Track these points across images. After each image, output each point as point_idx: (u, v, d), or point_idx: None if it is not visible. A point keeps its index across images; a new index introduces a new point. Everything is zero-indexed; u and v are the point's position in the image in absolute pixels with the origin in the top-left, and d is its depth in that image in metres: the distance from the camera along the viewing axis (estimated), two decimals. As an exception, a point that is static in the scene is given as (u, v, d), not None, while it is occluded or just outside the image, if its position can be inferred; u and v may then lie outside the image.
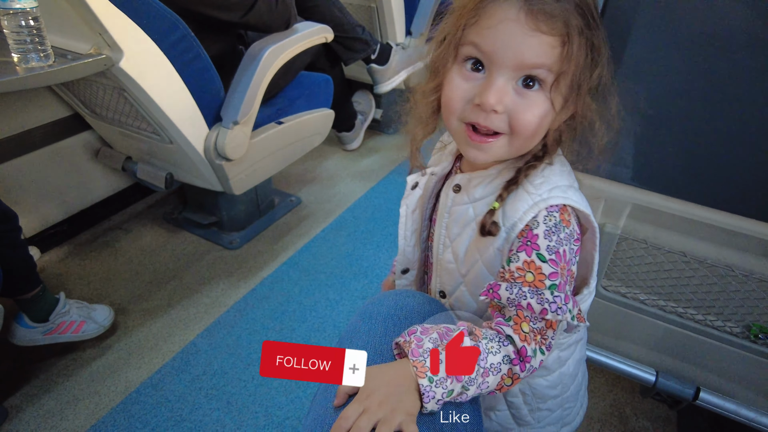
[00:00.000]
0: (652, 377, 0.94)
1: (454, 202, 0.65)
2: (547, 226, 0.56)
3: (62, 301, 1.31)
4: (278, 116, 1.66)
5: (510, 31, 0.51)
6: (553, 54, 0.51)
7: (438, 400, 0.52)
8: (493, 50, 0.52)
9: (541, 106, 0.54)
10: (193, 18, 1.32)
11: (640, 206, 0.76)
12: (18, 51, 1.03)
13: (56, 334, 1.30)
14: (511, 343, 0.55)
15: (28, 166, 1.51)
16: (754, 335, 0.81)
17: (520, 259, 0.56)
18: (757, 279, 0.75)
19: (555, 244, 0.55)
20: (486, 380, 0.54)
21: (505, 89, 0.53)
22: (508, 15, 0.50)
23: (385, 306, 0.65)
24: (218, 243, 1.79)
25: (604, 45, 0.54)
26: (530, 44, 0.50)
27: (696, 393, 0.91)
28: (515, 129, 0.54)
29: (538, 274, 0.55)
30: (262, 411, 1.22)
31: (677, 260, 0.80)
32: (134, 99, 1.27)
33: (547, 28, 0.50)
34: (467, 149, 0.58)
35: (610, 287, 0.90)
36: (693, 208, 0.72)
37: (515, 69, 0.52)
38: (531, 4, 0.50)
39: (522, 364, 0.55)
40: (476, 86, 0.54)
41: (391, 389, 0.51)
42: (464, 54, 0.55)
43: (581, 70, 0.53)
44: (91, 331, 1.35)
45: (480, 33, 0.52)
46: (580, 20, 0.51)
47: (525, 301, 0.54)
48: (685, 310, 0.86)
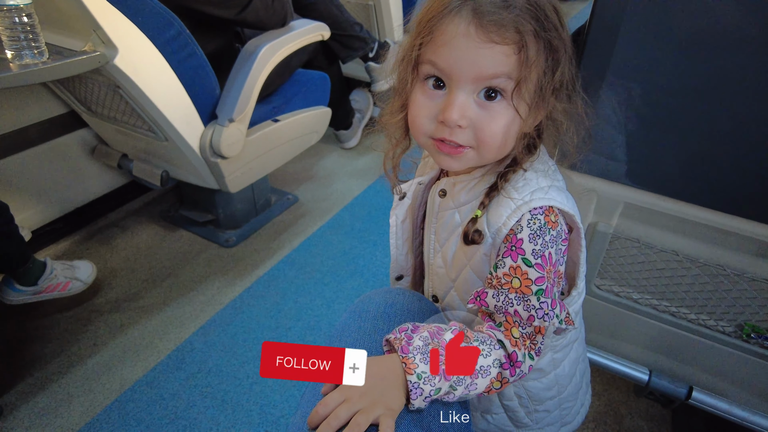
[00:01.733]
0: (645, 376, 0.94)
1: (441, 207, 0.65)
2: (531, 229, 0.56)
3: (49, 266, 1.38)
4: (275, 114, 1.66)
5: (463, 46, 0.51)
6: (509, 62, 0.51)
7: (426, 397, 0.52)
8: (450, 66, 0.52)
9: (505, 116, 0.54)
10: (188, 15, 1.32)
11: (633, 205, 0.76)
12: (12, 48, 1.02)
13: (45, 294, 1.38)
14: (503, 347, 0.55)
15: (24, 164, 1.50)
16: (747, 334, 0.81)
17: (506, 264, 0.56)
18: (749, 278, 0.75)
19: (540, 247, 0.55)
20: (475, 382, 0.54)
21: (466, 104, 0.53)
22: (459, 30, 0.51)
23: (375, 303, 0.65)
24: (214, 241, 1.79)
25: (563, 44, 0.54)
26: (484, 56, 0.50)
27: (689, 392, 0.91)
28: (482, 141, 0.54)
29: (525, 280, 0.55)
30: (257, 409, 1.22)
31: (670, 259, 0.80)
32: (129, 96, 1.26)
33: (499, 38, 0.50)
34: (440, 159, 0.58)
35: (603, 286, 0.90)
36: (685, 207, 0.72)
37: (474, 82, 0.52)
38: (480, 16, 0.50)
39: (512, 369, 0.55)
40: (439, 103, 0.55)
41: (375, 382, 0.51)
42: (424, 72, 0.55)
43: (542, 73, 0.53)
44: (77, 288, 1.44)
45: (435, 51, 0.53)
46: (534, 23, 0.51)
47: (512, 308, 0.55)
48: (678, 310, 0.86)
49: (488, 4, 0.50)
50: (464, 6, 0.51)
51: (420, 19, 0.54)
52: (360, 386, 0.50)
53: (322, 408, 0.50)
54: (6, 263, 1.28)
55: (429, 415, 0.55)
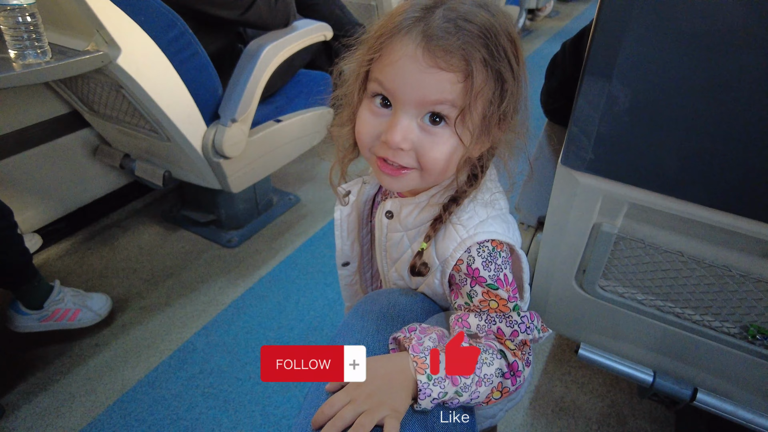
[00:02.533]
0: (650, 378, 0.93)
1: (389, 229, 0.65)
2: (482, 257, 0.58)
3: (56, 288, 1.31)
4: (277, 114, 1.66)
5: (409, 69, 0.50)
6: (454, 89, 0.50)
7: (433, 399, 0.52)
8: (395, 88, 0.51)
9: (447, 142, 0.53)
10: (191, 15, 1.32)
11: (638, 205, 0.75)
12: (15, 47, 1.02)
13: (52, 321, 1.30)
14: (504, 357, 0.56)
15: (27, 164, 1.50)
16: (752, 336, 0.80)
17: (479, 293, 0.58)
18: (755, 279, 0.74)
19: (494, 272, 0.58)
20: (478, 390, 0.54)
21: (409, 127, 0.52)
22: (407, 52, 0.50)
23: (378, 304, 0.65)
24: (216, 241, 1.79)
25: (512, 75, 0.53)
26: (429, 81, 0.49)
27: (693, 394, 0.90)
28: (423, 166, 0.54)
29: (500, 300, 0.57)
30: (259, 410, 1.22)
31: (675, 260, 0.79)
32: (132, 96, 1.26)
33: (445, 65, 0.49)
34: (381, 178, 0.58)
35: (607, 287, 0.90)
36: (691, 208, 0.71)
37: (418, 106, 0.51)
38: (429, 40, 0.49)
39: (513, 378, 0.56)
40: (384, 122, 0.54)
41: (383, 383, 0.51)
42: (371, 90, 0.54)
43: (488, 103, 0.52)
44: (87, 319, 1.35)
45: (383, 70, 0.52)
46: (484, 51, 0.50)
47: (495, 326, 0.57)
48: (683, 311, 0.85)
49: (439, 28, 0.49)
50: (415, 27, 0.50)
51: (372, 34, 0.54)
52: (366, 387, 0.50)
53: (327, 408, 0.50)
54: (7, 276, 1.21)
55: (432, 415, 0.55)
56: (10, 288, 1.24)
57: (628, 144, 0.69)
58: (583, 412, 1.24)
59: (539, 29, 4.87)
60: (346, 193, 0.70)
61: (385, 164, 0.55)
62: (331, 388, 0.53)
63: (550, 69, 1.09)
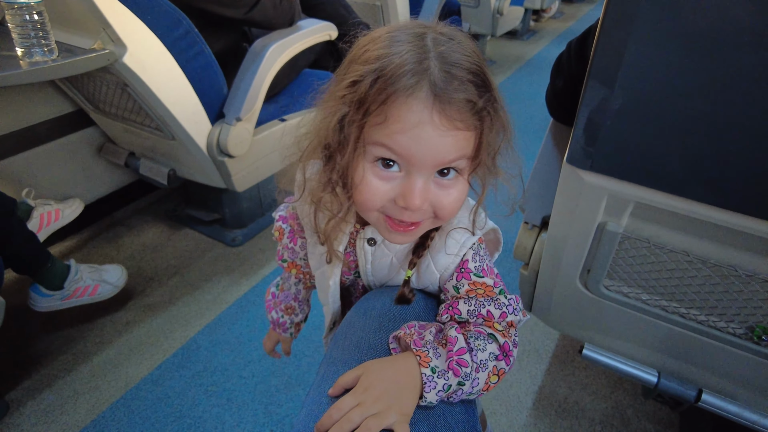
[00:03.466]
0: (654, 378, 0.93)
1: (374, 256, 0.65)
2: (473, 250, 0.62)
3: (73, 268, 1.34)
4: (281, 113, 1.66)
5: (427, 135, 0.48)
6: (469, 145, 0.51)
7: (438, 391, 0.52)
8: (411, 155, 0.49)
9: (460, 190, 0.54)
10: (197, 14, 1.32)
11: (643, 204, 0.75)
12: (22, 45, 1.03)
13: (74, 299, 1.34)
14: (495, 341, 0.57)
15: (32, 161, 1.51)
16: (758, 337, 0.80)
17: (465, 284, 0.61)
18: (762, 279, 0.74)
19: (479, 263, 0.62)
20: (477, 376, 0.54)
21: (426, 188, 0.51)
22: (422, 118, 0.47)
23: (380, 302, 0.65)
24: (220, 240, 1.79)
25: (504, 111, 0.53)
26: (448, 144, 0.49)
27: (698, 395, 0.90)
28: (439, 215, 0.55)
29: (486, 287, 0.60)
30: (262, 408, 1.22)
31: (680, 260, 0.79)
32: (137, 94, 1.27)
33: (462, 125, 0.48)
34: (390, 236, 0.57)
35: (612, 287, 0.89)
36: (696, 207, 0.71)
37: (434, 168, 0.51)
38: (441, 102, 0.47)
39: (507, 359, 0.57)
40: (395, 186, 0.52)
41: (390, 385, 0.51)
42: (374, 154, 0.51)
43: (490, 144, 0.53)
44: (107, 292, 1.40)
45: (392, 137, 0.48)
46: (486, 100, 0.50)
47: (484, 309, 0.58)
48: (688, 311, 0.85)
49: (445, 85, 0.47)
50: (419, 87, 0.47)
51: (365, 96, 0.48)
52: (374, 390, 0.50)
53: (335, 412, 0.49)
54: (21, 263, 1.25)
55: (435, 412, 0.55)
56: (28, 274, 1.28)
57: (634, 143, 0.69)
58: (586, 413, 1.24)
59: (544, 30, 4.86)
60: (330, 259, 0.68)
61: (395, 224, 0.55)
62: (334, 392, 0.53)
63: (556, 69, 1.09)
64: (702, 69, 0.61)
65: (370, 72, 0.48)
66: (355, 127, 0.50)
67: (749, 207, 0.67)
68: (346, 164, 0.53)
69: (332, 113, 0.52)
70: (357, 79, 0.49)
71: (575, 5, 6.05)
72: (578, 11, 5.78)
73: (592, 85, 0.68)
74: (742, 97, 0.60)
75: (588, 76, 0.68)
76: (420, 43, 0.49)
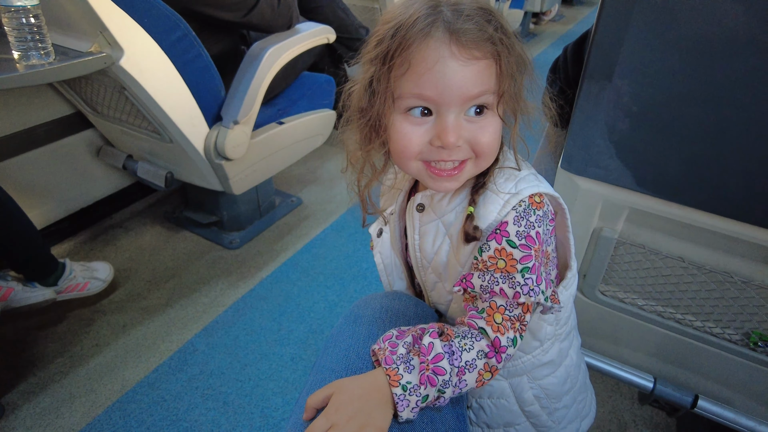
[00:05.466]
0: (650, 384, 0.93)
1: (422, 222, 0.64)
2: (516, 212, 0.56)
3: (68, 268, 1.40)
4: (279, 116, 1.66)
5: (449, 70, 0.50)
6: (491, 76, 0.53)
7: (413, 408, 0.51)
8: (438, 93, 0.51)
9: (494, 125, 0.55)
10: (194, 17, 1.32)
11: (638, 210, 0.75)
12: (19, 48, 1.03)
13: (65, 294, 1.41)
14: (485, 336, 0.55)
15: (30, 164, 1.51)
16: (754, 343, 0.80)
17: (491, 248, 0.56)
18: (757, 286, 0.74)
19: (525, 228, 0.56)
20: (463, 379, 0.53)
21: (458, 124, 0.53)
22: (441, 53, 0.50)
23: (370, 308, 0.64)
24: (218, 243, 1.79)
25: (522, 46, 0.55)
26: (470, 75, 0.51)
27: (694, 400, 0.90)
28: (479, 153, 0.55)
29: (510, 260, 0.55)
30: (258, 412, 1.22)
31: (676, 266, 0.79)
32: (135, 97, 1.27)
33: (480, 53, 0.51)
34: (436, 184, 0.58)
35: (608, 292, 0.89)
36: (692, 213, 0.71)
37: (461, 104, 0.52)
38: (458, 35, 0.50)
39: (498, 356, 0.54)
40: (429, 129, 0.54)
41: (361, 403, 0.50)
42: (405, 105, 0.54)
43: (515, 79, 0.55)
44: (95, 288, 1.47)
45: (417, 81, 0.51)
46: (501, 33, 0.52)
47: (497, 286, 0.55)
48: (684, 317, 0.84)
49: (459, 21, 0.50)
50: (435, 27, 0.50)
51: (387, 50, 0.52)
52: (346, 410, 0.49)
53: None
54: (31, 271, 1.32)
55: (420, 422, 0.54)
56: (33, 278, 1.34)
57: (629, 149, 0.69)
58: (583, 418, 1.23)
59: (543, 33, 4.86)
60: (379, 232, 0.71)
61: (438, 170, 0.56)
62: (307, 417, 0.52)
63: (552, 73, 1.09)
64: (696, 74, 0.61)
65: (390, 29, 0.52)
66: (383, 81, 0.53)
67: (744, 214, 0.67)
68: (378, 114, 0.55)
69: (362, 77, 0.57)
70: (379, 38, 0.53)
71: (575, 8, 6.06)
72: (578, 14, 5.79)
73: (587, 90, 0.68)
74: (737, 102, 0.60)
75: (582, 80, 0.68)
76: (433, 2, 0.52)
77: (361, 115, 0.58)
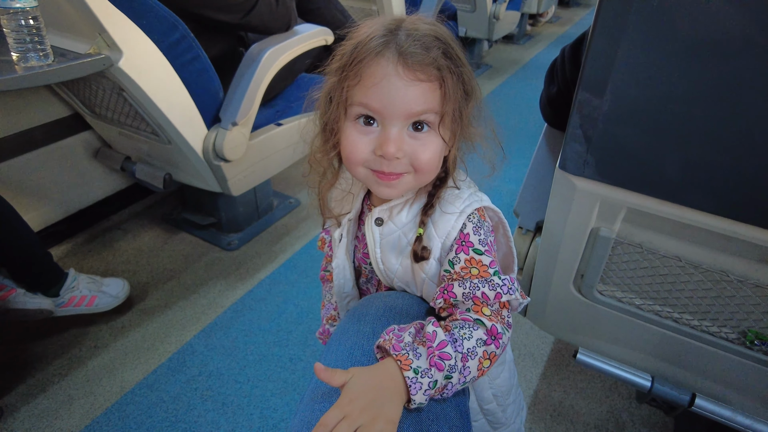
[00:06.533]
0: (648, 383, 0.93)
1: (382, 235, 0.67)
2: (473, 224, 0.63)
3: (71, 277, 1.35)
4: (278, 118, 1.66)
5: (393, 86, 0.55)
6: (435, 98, 0.57)
7: (425, 391, 0.52)
8: (382, 106, 0.56)
9: (434, 144, 0.60)
10: (193, 19, 1.32)
11: (636, 210, 0.75)
12: (17, 50, 1.03)
13: (70, 307, 1.35)
14: (481, 326, 0.57)
15: (28, 165, 1.51)
16: (750, 341, 0.80)
17: (461, 259, 0.62)
18: (753, 284, 0.74)
19: (483, 236, 0.63)
20: (467, 366, 0.55)
21: (400, 137, 0.58)
22: (388, 71, 0.55)
23: (374, 307, 0.65)
24: (216, 244, 1.79)
25: (472, 77, 0.61)
26: (413, 94, 0.56)
27: (692, 399, 0.90)
28: (417, 168, 0.60)
29: (481, 266, 0.61)
30: (257, 413, 1.22)
31: (672, 265, 0.79)
32: (133, 99, 1.27)
33: (423, 76, 0.56)
34: (378, 189, 0.62)
35: (605, 292, 0.90)
36: (688, 213, 0.71)
37: (404, 118, 0.57)
38: (405, 57, 0.55)
39: (496, 342, 0.57)
40: (373, 138, 0.59)
41: (374, 395, 0.51)
42: (355, 113, 0.59)
43: (459, 104, 0.59)
44: (104, 304, 1.40)
45: (366, 93, 0.57)
46: (449, 61, 0.57)
47: (479, 291, 0.59)
48: (681, 316, 0.85)
49: (409, 45, 0.55)
50: (387, 48, 0.56)
51: (344, 63, 0.58)
52: (359, 401, 0.50)
53: (321, 429, 0.49)
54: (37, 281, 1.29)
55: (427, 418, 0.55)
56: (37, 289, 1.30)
57: (626, 149, 0.70)
58: (581, 417, 1.24)
59: (540, 35, 4.88)
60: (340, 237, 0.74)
61: (382, 174, 0.60)
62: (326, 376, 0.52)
63: (549, 74, 1.10)
64: (692, 75, 0.61)
65: (351, 45, 0.59)
66: (338, 90, 0.59)
67: (740, 213, 0.67)
68: (333, 119, 0.61)
69: (324, 87, 0.63)
70: (342, 53, 0.60)
71: (572, 9, 6.08)
72: (575, 15, 5.81)
73: (584, 91, 0.68)
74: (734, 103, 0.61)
75: (579, 82, 0.68)
76: (394, 23, 0.59)
77: (321, 120, 0.65)
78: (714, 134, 0.64)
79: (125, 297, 1.45)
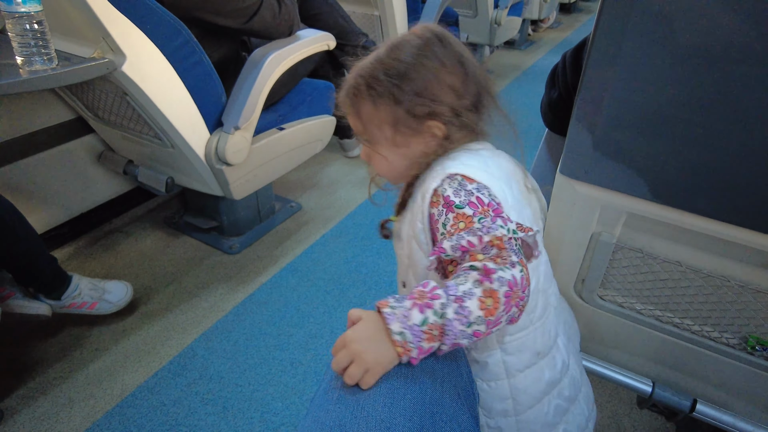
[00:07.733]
0: (649, 388, 0.93)
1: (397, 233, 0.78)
2: (452, 187, 0.65)
3: (73, 283, 1.36)
4: (280, 122, 1.67)
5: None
6: (358, 123, 0.72)
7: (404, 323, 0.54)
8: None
9: (376, 159, 0.74)
10: (196, 24, 1.33)
11: (636, 215, 0.75)
12: (22, 54, 1.04)
13: (73, 308, 1.37)
14: (475, 269, 0.56)
15: (32, 168, 1.52)
16: (751, 347, 0.80)
17: (450, 219, 0.63)
18: (754, 290, 0.74)
19: (465, 197, 0.63)
20: (464, 306, 0.54)
21: (365, 151, 0.76)
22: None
23: None
24: (218, 248, 1.79)
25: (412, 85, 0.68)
26: (352, 122, 0.74)
27: (693, 405, 0.90)
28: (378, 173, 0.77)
29: (466, 218, 0.61)
30: (258, 416, 1.22)
31: (673, 270, 0.79)
32: (136, 103, 1.28)
33: (347, 109, 0.73)
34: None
35: (606, 296, 0.90)
36: (689, 218, 0.71)
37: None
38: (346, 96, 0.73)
39: (489, 278, 0.55)
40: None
41: (364, 340, 0.57)
42: None
43: (395, 115, 0.69)
44: (105, 309, 1.41)
45: None
46: (366, 89, 0.69)
47: (464, 240, 0.58)
48: (682, 321, 0.85)
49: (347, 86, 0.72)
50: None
51: None
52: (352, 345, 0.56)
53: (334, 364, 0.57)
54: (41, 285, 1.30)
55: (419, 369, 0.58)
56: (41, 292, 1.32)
57: (627, 154, 0.70)
58: (582, 423, 1.23)
59: (541, 40, 4.90)
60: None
61: None
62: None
63: (550, 80, 1.10)
64: (692, 81, 0.62)
65: None
66: None
67: (741, 218, 0.67)
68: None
69: None
70: None
71: (573, 15, 6.10)
72: (576, 21, 5.83)
73: (585, 96, 0.69)
74: (734, 108, 0.61)
75: (580, 87, 0.69)
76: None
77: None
78: (714, 139, 0.64)
79: (127, 302, 1.45)
